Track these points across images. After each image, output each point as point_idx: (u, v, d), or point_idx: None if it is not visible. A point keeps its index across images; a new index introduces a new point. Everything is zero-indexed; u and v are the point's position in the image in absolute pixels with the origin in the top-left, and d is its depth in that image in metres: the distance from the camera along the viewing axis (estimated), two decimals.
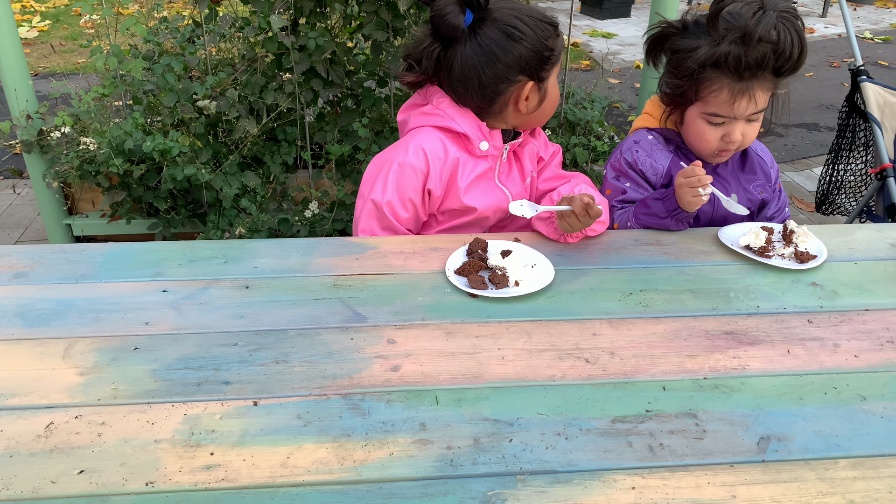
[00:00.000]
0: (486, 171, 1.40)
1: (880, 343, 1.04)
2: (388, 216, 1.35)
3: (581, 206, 1.21)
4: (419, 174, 1.33)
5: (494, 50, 1.28)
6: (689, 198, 1.29)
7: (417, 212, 1.38)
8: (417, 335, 1.04)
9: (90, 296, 1.11)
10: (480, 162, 1.38)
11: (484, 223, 1.43)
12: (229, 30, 2.57)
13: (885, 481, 0.80)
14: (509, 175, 1.44)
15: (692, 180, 1.28)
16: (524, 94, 1.33)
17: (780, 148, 3.89)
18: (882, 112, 2.28)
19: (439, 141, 1.34)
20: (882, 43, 5.89)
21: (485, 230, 1.44)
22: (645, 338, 1.04)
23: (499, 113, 1.37)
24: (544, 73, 1.33)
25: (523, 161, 1.46)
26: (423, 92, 1.40)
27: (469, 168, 1.37)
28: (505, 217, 1.44)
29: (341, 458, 0.82)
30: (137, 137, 2.33)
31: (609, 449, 0.84)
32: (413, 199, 1.35)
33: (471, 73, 1.30)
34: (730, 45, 1.27)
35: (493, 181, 1.41)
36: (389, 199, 1.34)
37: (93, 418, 0.86)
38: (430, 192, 1.35)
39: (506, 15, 1.29)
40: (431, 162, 1.33)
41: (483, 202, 1.38)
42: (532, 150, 1.48)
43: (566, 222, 1.26)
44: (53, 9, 6.38)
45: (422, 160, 1.33)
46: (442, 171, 1.35)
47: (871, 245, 1.33)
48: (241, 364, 0.96)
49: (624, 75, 5.01)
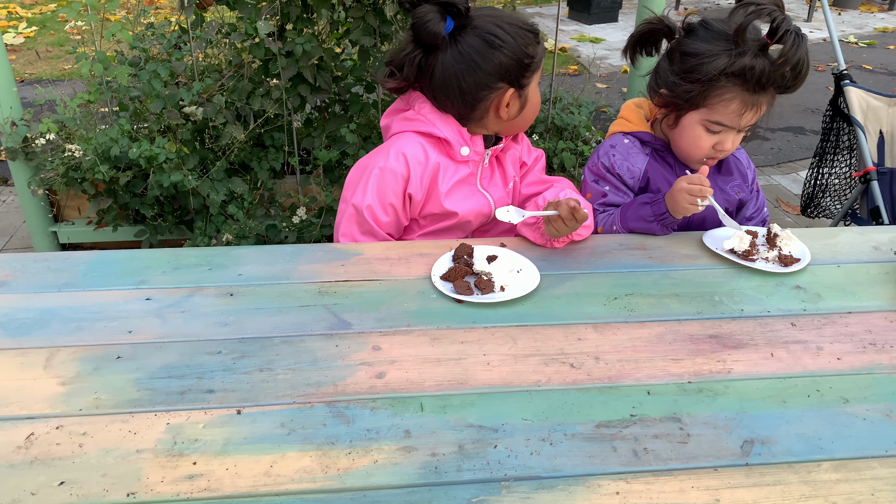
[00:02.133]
0: (468, 176, 1.40)
1: (862, 345, 1.05)
2: (369, 220, 1.35)
3: (567, 210, 1.21)
4: (400, 178, 1.34)
5: (475, 57, 1.29)
6: (686, 204, 1.29)
7: (398, 216, 1.38)
8: (403, 341, 1.03)
9: (73, 304, 1.10)
10: (462, 167, 1.38)
11: (466, 228, 1.43)
12: (216, 36, 2.57)
13: (867, 483, 0.81)
14: (491, 180, 1.44)
15: (694, 188, 1.28)
16: (505, 100, 1.33)
17: (766, 151, 3.92)
18: (865, 116, 2.30)
19: (420, 146, 1.35)
20: (866, 47, 5.95)
21: (467, 235, 1.44)
22: (630, 342, 1.04)
23: (480, 119, 1.37)
24: (524, 80, 1.33)
25: (506, 166, 1.46)
26: (405, 97, 1.40)
27: (450, 173, 1.37)
28: (488, 221, 1.44)
29: (325, 466, 0.81)
30: (124, 144, 2.32)
31: (593, 454, 0.84)
32: (394, 203, 1.36)
33: (451, 80, 1.31)
34: (754, 58, 1.27)
35: (475, 186, 1.42)
36: (370, 204, 1.34)
37: (74, 429, 0.86)
38: (410, 196, 1.36)
39: (486, 22, 1.29)
40: (412, 166, 1.33)
41: (464, 207, 1.39)
42: (515, 156, 1.48)
43: (553, 227, 1.26)
44: (40, 15, 6.35)
45: (402, 164, 1.33)
46: (423, 176, 1.35)
47: (853, 248, 1.34)
48: (225, 372, 0.96)
49: (611, 80, 5.03)
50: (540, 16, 6.77)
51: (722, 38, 1.31)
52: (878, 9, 7.32)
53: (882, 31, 6.47)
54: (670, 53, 1.40)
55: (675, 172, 1.49)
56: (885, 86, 4.95)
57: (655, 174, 1.48)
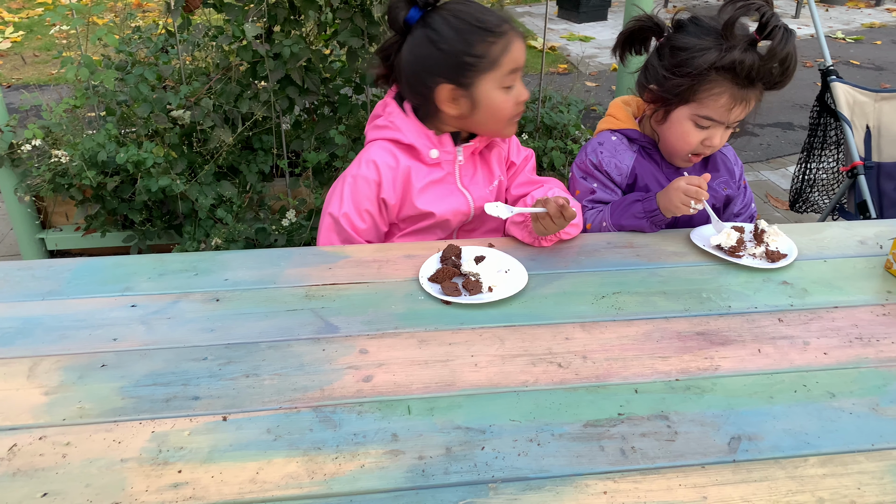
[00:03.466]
0: (445, 175, 1.39)
1: (849, 340, 1.05)
2: (346, 228, 1.36)
3: (556, 208, 1.21)
4: (373, 184, 1.35)
5: (416, 51, 1.29)
6: (679, 203, 1.30)
7: (375, 222, 1.39)
8: (390, 344, 1.03)
9: (57, 313, 1.09)
10: (435, 169, 1.38)
11: (446, 227, 1.42)
12: (203, 39, 2.56)
13: (853, 478, 0.81)
14: (473, 178, 1.43)
15: (691, 189, 1.29)
16: (444, 97, 1.30)
17: (755, 147, 3.93)
18: (852, 111, 2.31)
19: (389, 153, 1.36)
20: (854, 43, 5.97)
21: (449, 234, 1.44)
22: (617, 341, 1.04)
23: (435, 115, 1.35)
24: (465, 79, 1.28)
25: (491, 164, 1.45)
26: (382, 102, 1.42)
27: (423, 175, 1.37)
28: (469, 220, 1.44)
29: (311, 471, 0.81)
30: (111, 149, 2.31)
31: (581, 454, 0.84)
32: (369, 209, 1.37)
33: (403, 70, 1.33)
34: (743, 53, 1.28)
35: (454, 185, 1.41)
36: (346, 212, 1.36)
37: (57, 439, 0.85)
38: (385, 201, 1.37)
39: (443, 15, 1.27)
40: (383, 172, 1.35)
41: (441, 207, 1.38)
42: (501, 154, 1.48)
43: (541, 224, 1.25)
44: (27, 19, 6.31)
45: (374, 171, 1.35)
46: (394, 181, 1.36)
47: (840, 243, 1.34)
48: (211, 379, 0.95)
49: (600, 78, 5.04)
50: (529, 15, 6.77)
51: (712, 33, 1.32)
52: (864, 4, 7.36)
53: (869, 26, 6.50)
54: (660, 49, 1.41)
55: (662, 170, 1.49)
56: (872, 81, 4.97)
57: (643, 171, 1.48)
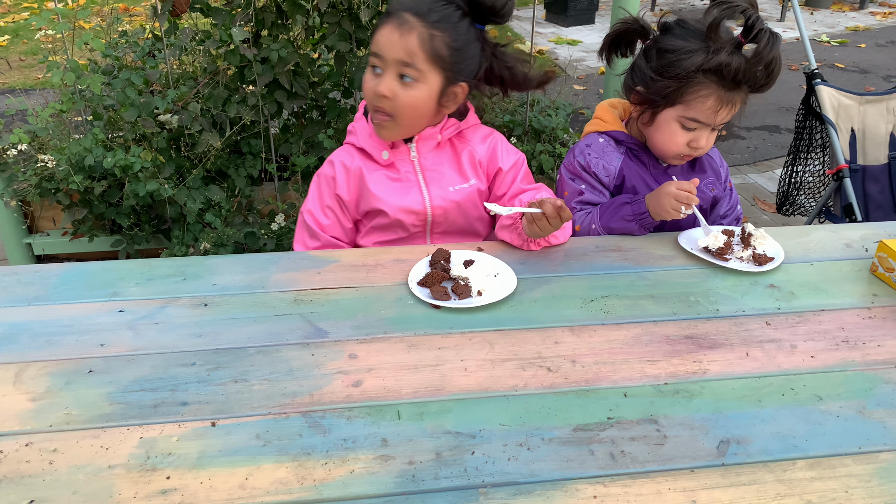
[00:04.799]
0: (404, 174, 1.40)
1: (835, 343, 1.06)
2: (311, 224, 1.43)
3: (553, 208, 1.20)
4: (331, 181, 1.42)
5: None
6: (669, 208, 1.31)
7: (338, 218, 1.44)
8: (380, 349, 1.03)
9: (43, 318, 1.08)
10: (390, 168, 1.40)
11: (404, 227, 1.41)
12: (190, 43, 2.55)
13: (841, 481, 0.82)
14: (437, 178, 1.41)
15: (681, 194, 1.29)
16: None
17: (742, 150, 3.96)
18: (837, 114, 2.33)
19: (349, 153, 1.42)
20: (838, 46, 6.03)
21: (411, 236, 1.43)
22: (606, 344, 1.05)
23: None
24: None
25: (462, 167, 1.43)
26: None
27: (378, 174, 1.40)
28: (434, 222, 1.42)
29: (301, 477, 0.81)
30: (98, 153, 2.29)
31: (571, 458, 0.84)
32: (330, 205, 1.43)
33: None
34: (730, 55, 1.29)
35: (413, 184, 1.40)
36: (310, 208, 1.43)
37: (44, 445, 0.84)
38: (340, 197, 1.42)
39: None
40: (338, 169, 1.41)
41: (394, 204, 1.38)
42: (472, 157, 1.44)
43: (536, 226, 1.24)
44: (12, 23, 6.26)
45: (332, 169, 1.42)
46: (348, 178, 1.41)
47: (826, 246, 1.35)
48: (200, 384, 0.95)
49: (588, 82, 5.06)
50: (517, 18, 6.79)
51: (698, 35, 1.33)
52: (849, 8, 7.43)
53: (853, 29, 6.57)
54: (647, 51, 1.42)
55: (649, 171, 1.50)
56: (856, 84, 5.02)
57: (630, 172, 1.49)
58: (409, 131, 1.38)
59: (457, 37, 1.29)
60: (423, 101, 1.31)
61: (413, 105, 1.31)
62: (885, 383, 0.97)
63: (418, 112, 1.33)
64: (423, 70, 1.28)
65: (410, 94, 1.29)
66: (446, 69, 1.30)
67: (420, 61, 1.27)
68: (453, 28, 1.28)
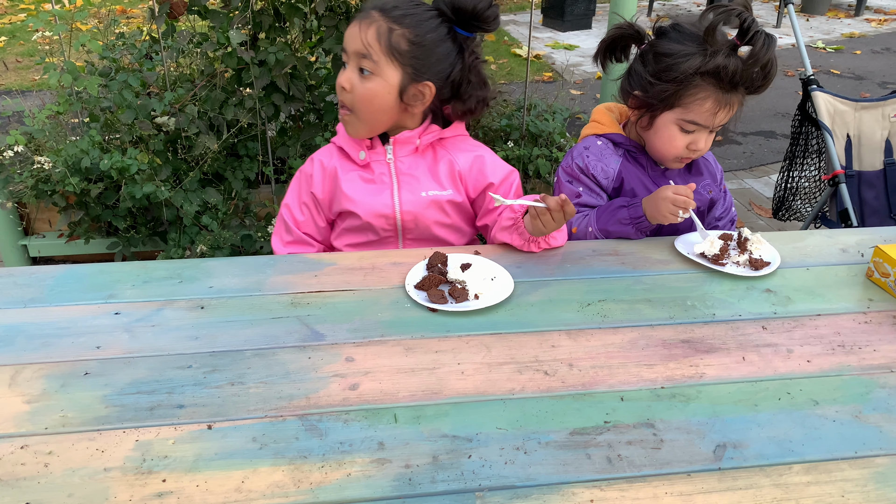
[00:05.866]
0: (378, 176, 1.40)
1: (831, 347, 1.06)
2: (287, 219, 1.46)
3: (557, 202, 1.20)
4: (308, 179, 1.44)
5: None
6: (666, 212, 1.31)
7: (313, 216, 1.46)
8: (376, 352, 1.03)
9: (39, 320, 1.08)
10: (366, 169, 1.41)
11: (374, 231, 1.41)
12: (188, 45, 2.55)
13: (837, 485, 0.82)
14: (411, 184, 1.40)
15: (678, 199, 1.30)
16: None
17: (738, 155, 3.97)
18: (833, 120, 2.34)
19: (329, 152, 1.44)
20: (834, 52, 6.06)
21: (382, 240, 1.43)
22: (603, 348, 1.05)
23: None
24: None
25: (438, 176, 1.41)
26: None
27: (353, 175, 1.40)
28: (405, 227, 1.41)
29: (297, 480, 0.80)
30: (94, 155, 2.29)
31: (568, 462, 0.84)
32: (307, 202, 1.45)
33: None
34: (727, 58, 1.30)
35: (386, 187, 1.39)
36: (288, 203, 1.46)
37: (39, 448, 0.84)
38: (314, 195, 1.43)
39: None
40: (315, 167, 1.43)
41: (363, 207, 1.38)
42: (452, 167, 1.42)
43: (540, 221, 1.23)
44: (9, 25, 6.25)
45: (310, 166, 1.44)
46: (323, 178, 1.42)
47: (822, 251, 1.36)
48: (196, 387, 0.95)
49: (585, 86, 5.07)
50: (515, 23, 6.81)
51: (694, 39, 1.34)
52: (844, 14, 7.47)
53: (849, 36, 6.60)
54: (643, 56, 1.42)
55: (647, 174, 1.50)
56: (852, 90, 5.04)
57: (629, 175, 1.49)
58: (370, 127, 1.37)
59: (420, 33, 1.28)
60: (379, 95, 1.31)
61: (369, 98, 1.31)
62: (881, 388, 0.98)
63: (374, 106, 1.32)
64: (378, 62, 1.28)
65: (367, 86, 1.30)
66: (405, 64, 1.29)
67: (376, 53, 1.28)
68: (417, 24, 1.28)
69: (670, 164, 1.48)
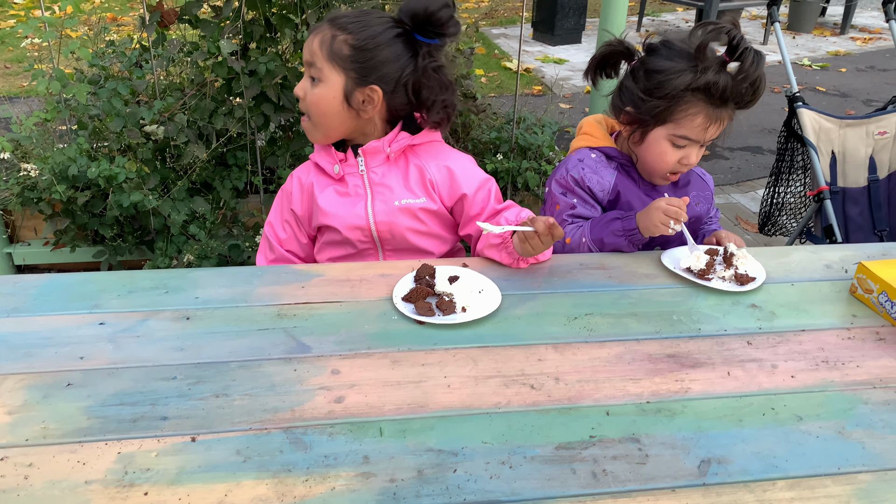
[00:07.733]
0: (352, 188, 1.40)
1: (815, 363, 1.07)
2: (269, 236, 1.49)
3: (545, 226, 1.20)
4: (289, 196, 1.47)
5: None
6: (658, 223, 1.32)
7: (295, 232, 1.48)
8: (363, 365, 1.02)
9: (22, 330, 1.07)
10: (342, 183, 1.41)
11: (353, 241, 1.41)
12: (178, 54, 2.54)
13: (820, 501, 0.82)
14: (383, 191, 1.40)
15: (671, 210, 1.31)
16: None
17: (725, 170, 4.01)
18: (818, 136, 2.37)
19: (306, 169, 1.46)
20: (819, 70, 6.14)
21: (359, 250, 1.43)
22: (589, 362, 1.05)
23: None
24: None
25: (410, 184, 1.41)
26: None
27: (329, 189, 1.42)
28: (383, 239, 1.41)
29: (281, 494, 0.80)
30: (82, 163, 2.28)
31: (553, 476, 0.84)
32: (288, 220, 1.48)
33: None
34: (717, 74, 1.32)
35: (361, 199, 1.39)
36: (271, 220, 1.50)
37: (20, 460, 0.83)
38: (294, 212, 1.46)
39: None
40: (294, 185, 1.46)
41: (339, 220, 1.39)
42: (423, 175, 1.41)
43: (529, 244, 1.24)
44: None
45: (289, 184, 1.47)
46: (301, 195, 1.45)
47: (806, 267, 1.37)
48: (180, 398, 0.94)
49: (574, 100, 5.11)
50: (505, 36, 6.85)
51: (684, 56, 1.36)
52: (830, 33, 7.57)
53: (834, 54, 6.69)
54: (634, 72, 1.44)
55: (640, 187, 1.51)
56: (837, 107, 5.11)
57: (625, 188, 1.50)
58: (324, 132, 1.39)
59: (363, 38, 1.30)
60: (325, 100, 1.33)
61: (316, 103, 1.34)
62: (864, 404, 0.98)
63: (321, 110, 1.35)
64: (321, 69, 1.32)
65: (314, 92, 1.34)
66: (347, 68, 1.31)
67: (319, 60, 1.31)
68: (360, 30, 1.30)
69: (658, 181, 1.50)
